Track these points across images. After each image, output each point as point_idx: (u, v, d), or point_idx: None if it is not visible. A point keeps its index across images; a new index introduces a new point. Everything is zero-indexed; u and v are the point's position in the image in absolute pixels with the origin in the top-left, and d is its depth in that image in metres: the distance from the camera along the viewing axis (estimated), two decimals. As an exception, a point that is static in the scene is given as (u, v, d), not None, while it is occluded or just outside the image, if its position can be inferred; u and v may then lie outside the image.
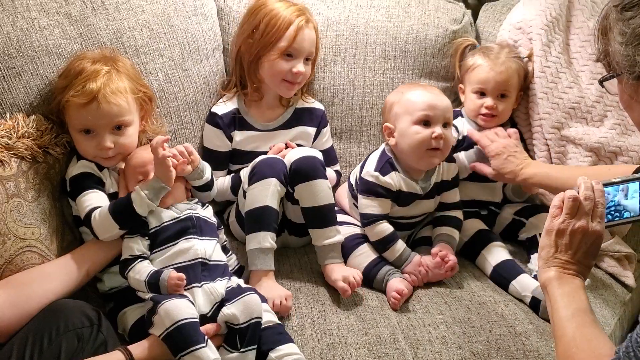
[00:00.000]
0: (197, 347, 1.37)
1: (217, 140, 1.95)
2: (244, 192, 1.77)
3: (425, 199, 1.88)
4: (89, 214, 1.54)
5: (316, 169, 1.76)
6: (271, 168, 1.74)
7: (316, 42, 1.94)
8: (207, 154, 1.95)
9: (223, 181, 1.94)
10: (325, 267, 1.76)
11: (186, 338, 1.37)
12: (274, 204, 1.71)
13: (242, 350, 1.44)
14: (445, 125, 1.80)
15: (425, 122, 1.78)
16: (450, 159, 1.91)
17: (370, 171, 1.82)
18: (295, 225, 1.89)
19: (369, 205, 1.81)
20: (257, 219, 1.71)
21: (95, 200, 1.57)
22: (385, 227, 1.81)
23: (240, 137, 1.95)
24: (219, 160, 1.95)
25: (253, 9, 1.93)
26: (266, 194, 1.71)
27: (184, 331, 1.38)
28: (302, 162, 1.75)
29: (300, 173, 1.74)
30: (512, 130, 1.96)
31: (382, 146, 1.89)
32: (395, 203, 1.84)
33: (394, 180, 1.81)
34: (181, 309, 1.40)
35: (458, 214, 1.93)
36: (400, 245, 1.81)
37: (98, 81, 1.56)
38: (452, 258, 1.77)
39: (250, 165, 1.79)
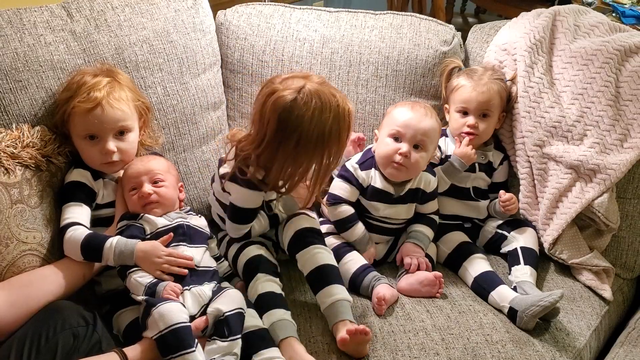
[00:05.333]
0: (188, 350, 1.43)
1: (254, 202, 1.77)
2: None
3: (399, 203, 1.94)
4: (65, 228, 1.59)
5: (314, 236, 1.78)
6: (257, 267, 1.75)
7: None
8: (241, 212, 1.77)
9: None
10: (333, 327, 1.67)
11: (179, 341, 1.43)
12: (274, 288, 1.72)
13: (230, 338, 1.51)
14: (417, 146, 1.87)
15: (396, 138, 1.88)
16: (431, 172, 1.98)
17: (353, 163, 1.96)
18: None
19: (340, 188, 1.93)
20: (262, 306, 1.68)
21: (76, 215, 1.62)
22: (348, 209, 1.93)
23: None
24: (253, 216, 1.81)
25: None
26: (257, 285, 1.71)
27: (177, 335, 1.44)
28: (300, 233, 1.77)
29: (299, 242, 1.76)
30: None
31: (370, 145, 2.01)
32: (363, 196, 1.94)
33: (369, 176, 1.93)
34: (175, 312, 1.46)
35: (434, 217, 2.02)
36: (360, 227, 1.92)
37: (102, 90, 1.63)
38: (419, 262, 1.87)
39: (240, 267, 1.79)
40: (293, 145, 1.62)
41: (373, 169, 1.94)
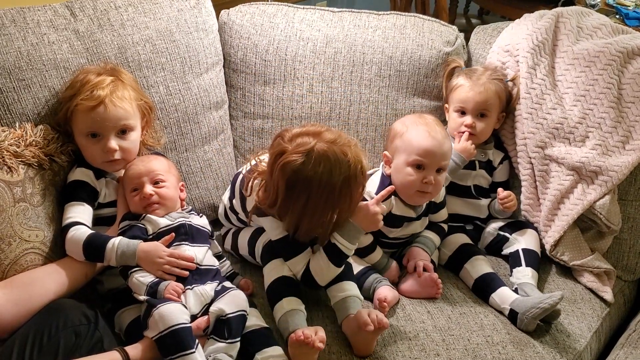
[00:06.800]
0: (188, 351, 1.43)
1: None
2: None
3: (415, 220, 1.93)
4: (67, 227, 1.60)
5: None
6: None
7: None
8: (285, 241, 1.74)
9: None
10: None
11: (178, 342, 1.44)
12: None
13: (229, 340, 1.52)
14: (439, 170, 1.83)
15: (419, 166, 1.82)
16: None
17: (370, 192, 1.84)
18: None
19: None
20: (275, 292, 1.70)
21: (78, 214, 1.63)
22: (367, 238, 1.88)
23: None
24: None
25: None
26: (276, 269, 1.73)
27: (177, 336, 1.44)
28: None
29: (315, 239, 1.74)
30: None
31: (381, 168, 1.94)
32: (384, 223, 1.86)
33: (389, 205, 1.86)
34: (175, 314, 1.47)
35: (443, 225, 2.02)
36: (379, 252, 1.90)
37: (105, 89, 1.64)
38: (425, 265, 1.86)
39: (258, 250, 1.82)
40: (302, 204, 1.58)
41: (393, 196, 1.86)
